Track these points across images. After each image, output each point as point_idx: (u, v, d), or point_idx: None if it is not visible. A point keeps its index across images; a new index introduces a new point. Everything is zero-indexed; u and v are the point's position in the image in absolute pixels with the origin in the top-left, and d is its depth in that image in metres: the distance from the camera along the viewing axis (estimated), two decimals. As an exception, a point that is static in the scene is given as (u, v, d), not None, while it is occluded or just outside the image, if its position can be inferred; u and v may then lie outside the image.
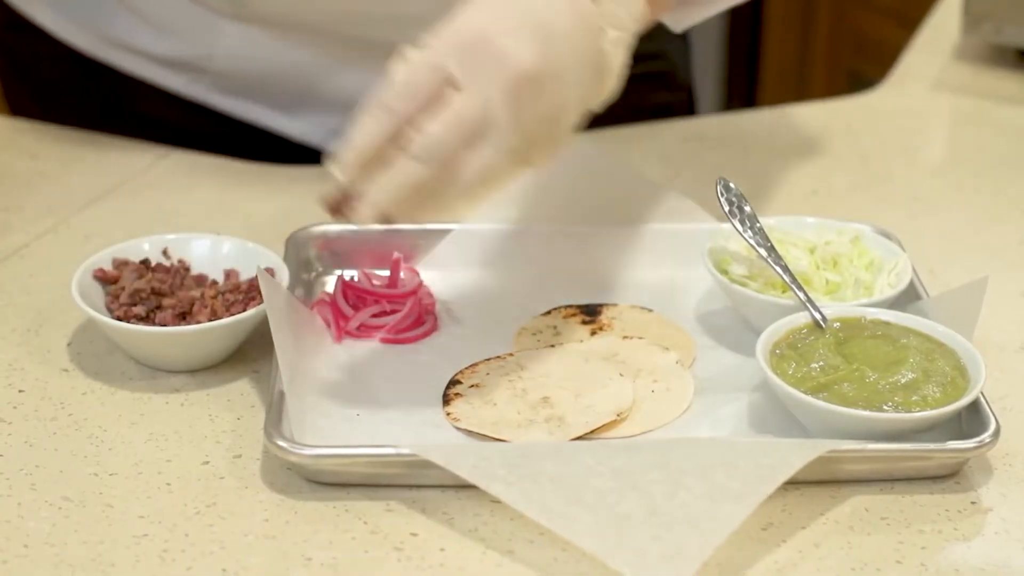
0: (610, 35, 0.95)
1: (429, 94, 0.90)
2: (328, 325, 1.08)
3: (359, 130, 0.92)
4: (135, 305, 1.05)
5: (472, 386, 1.02)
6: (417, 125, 0.91)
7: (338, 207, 0.94)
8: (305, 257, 1.15)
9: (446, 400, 1.01)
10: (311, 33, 1.30)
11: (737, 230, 1.06)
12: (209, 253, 1.11)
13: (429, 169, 0.91)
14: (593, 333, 1.08)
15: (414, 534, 0.91)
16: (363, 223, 0.93)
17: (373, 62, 1.32)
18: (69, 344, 1.07)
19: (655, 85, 1.44)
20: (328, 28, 1.29)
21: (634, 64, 1.41)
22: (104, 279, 1.08)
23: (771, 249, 1.06)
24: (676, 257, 1.15)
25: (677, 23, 1.16)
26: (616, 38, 0.95)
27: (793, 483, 0.91)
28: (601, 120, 1.02)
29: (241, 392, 1.03)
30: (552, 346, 1.06)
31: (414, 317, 1.09)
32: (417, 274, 1.12)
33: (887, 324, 1.02)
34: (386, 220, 0.93)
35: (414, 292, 1.10)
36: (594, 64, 0.94)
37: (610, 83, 0.96)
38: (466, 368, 1.04)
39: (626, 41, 0.95)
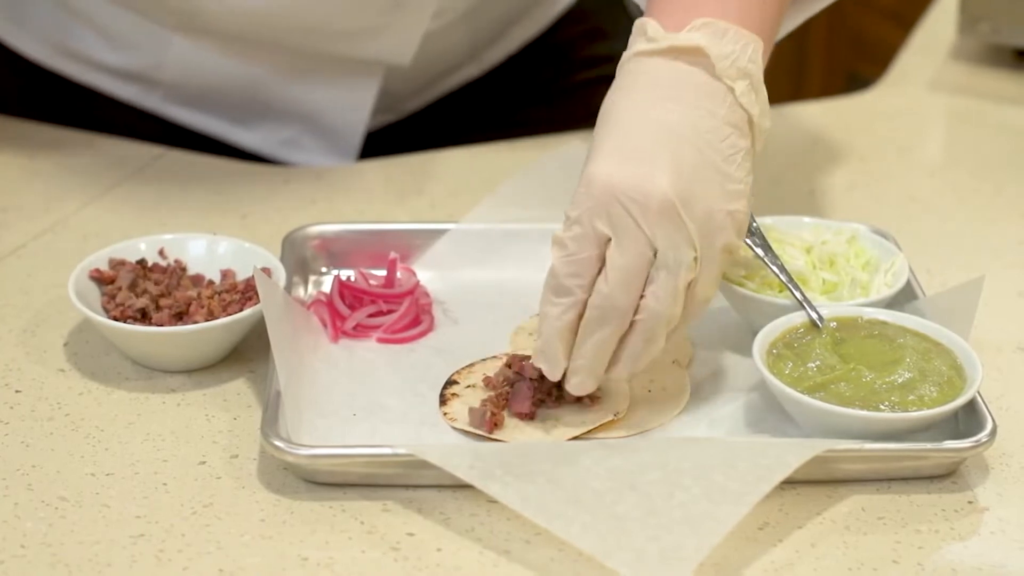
0: (739, 88, 0.95)
1: (593, 263, 0.93)
2: (325, 325, 1.08)
3: (545, 320, 0.95)
4: (131, 305, 1.05)
5: (469, 386, 1.02)
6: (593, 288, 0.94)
7: (557, 399, 0.98)
8: (302, 257, 1.15)
9: (443, 400, 1.01)
10: (260, 46, 1.30)
11: (734, 230, 1.06)
12: (205, 253, 1.11)
13: (611, 325, 0.93)
14: (590, 333, 1.08)
15: (411, 534, 0.90)
16: (583, 392, 0.96)
17: (324, 73, 1.32)
18: (66, 344, 1.07)
19: None
20: (277, 41, 1.29)
21: (602, 64, 1.40)
22: (101, 279, 1.08)
23: (768, 249, 1.06)
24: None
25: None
26: (746, 87, 0.95)
27: (790, 483, 0.92)
28: (581, 123, 1.02)
29: (238, 392, 1.03)
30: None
31: (411, 317, 1.09)
32: (414, 274, 1.12)
33: (884, 324, 1.02)
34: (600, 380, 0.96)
35: (411, 292, 1.10)
36: (733, 131, 0.95)
37: (763, 125, 0.97)
38: (463, 368, 1.04)
39: (758, 84, 0.96)
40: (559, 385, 0.97)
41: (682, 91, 0.95)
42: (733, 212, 0.94)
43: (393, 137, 1.42)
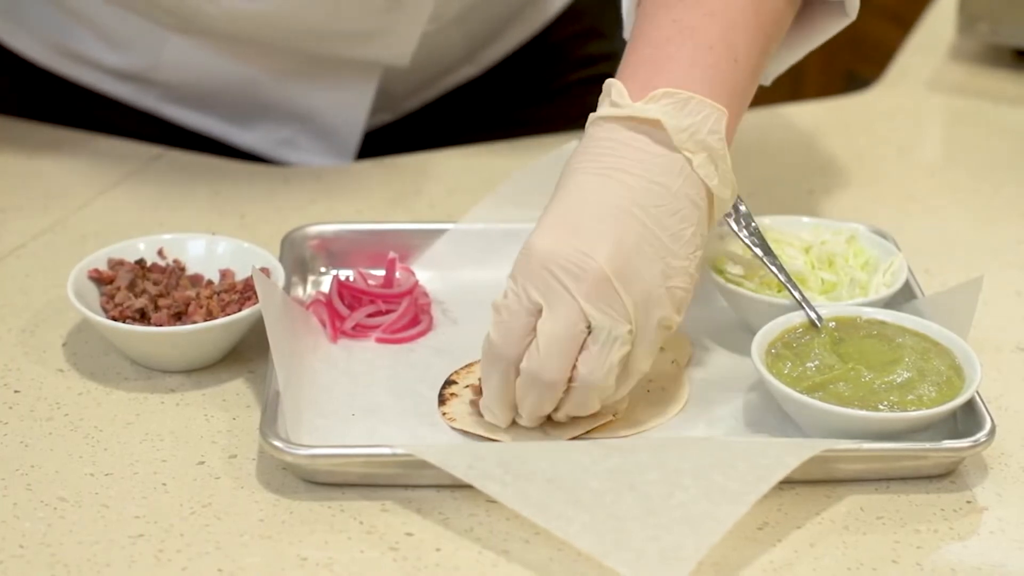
0: (696, 160, 0.95)
1: (526, 331, 0.93)
2: (324, 325, 1.08)
3: (488, 387, 0.96)
4: (130, 305, 1.05)
5: (468, 386, 1.02)
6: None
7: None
8: (301, 257, 1.15)
9: (442, 400, 1.01)
10: (257, 47, 1.30)
11: (732, 230, 1.06)
12: (205, 253, 1.11)
13: (542, 392, 0.94)
14: (589, 333, 1.08)
15: (410, 534, 0.90)
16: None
17: (321, 74, 1.32)
18: (65, 344, 1.07)
19: None
20: (273, 42, 1.29)
21: (598, 64, 1.40)
22: (100, 279, 1.08)
23: (767, 249, 1.06)
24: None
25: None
26: (704, 159, 0.95)
27: (789, 483, 0.92)
28: (578, 122, 1.02)
29: (237, 392, 1.03)
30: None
31: (409, 317, 1.09)
32: (413, 274, 1.12)
33: (883, 323, 1.02)
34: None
35: (410, 292, 1.10)
36: (686, 204, 0.95)
37: (722, 196, 0.97)
38: (462, 368, 1.04)
39: (718, 155, 0.96)
40: None
41: (637, 163, 0.95)
42: (671, 289, 0.94)
43: (391, 137, 1.42)
